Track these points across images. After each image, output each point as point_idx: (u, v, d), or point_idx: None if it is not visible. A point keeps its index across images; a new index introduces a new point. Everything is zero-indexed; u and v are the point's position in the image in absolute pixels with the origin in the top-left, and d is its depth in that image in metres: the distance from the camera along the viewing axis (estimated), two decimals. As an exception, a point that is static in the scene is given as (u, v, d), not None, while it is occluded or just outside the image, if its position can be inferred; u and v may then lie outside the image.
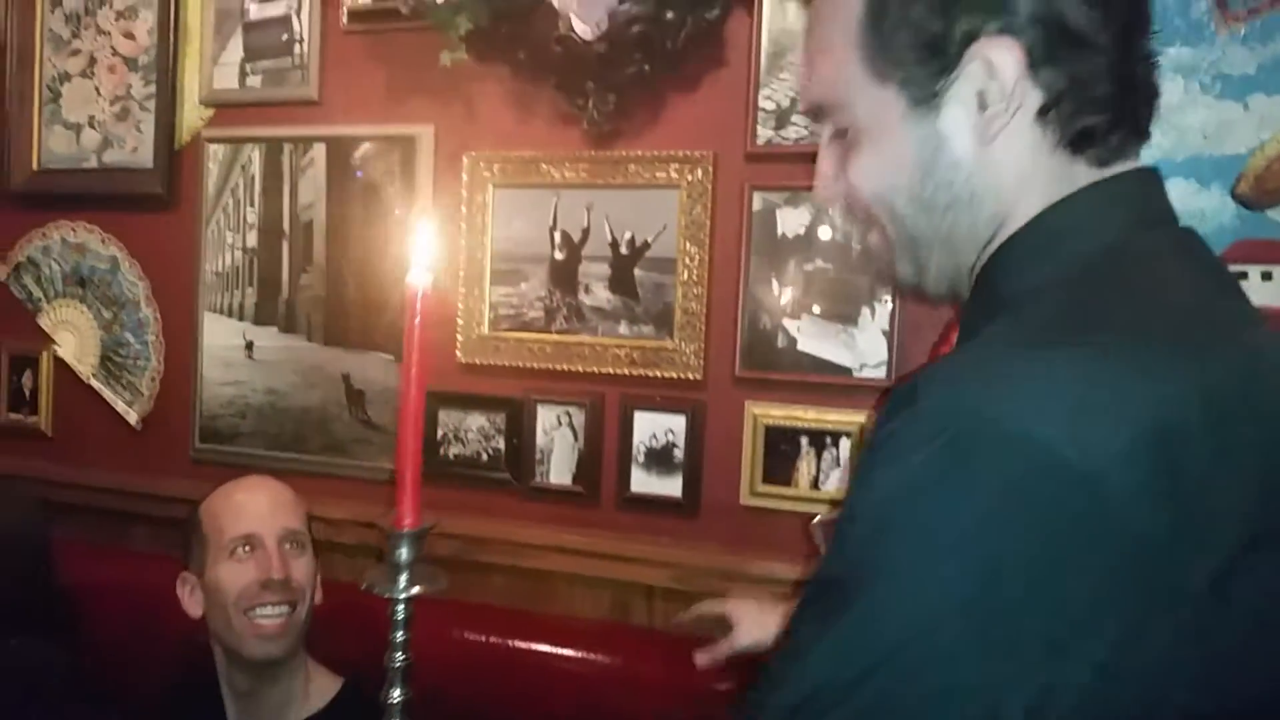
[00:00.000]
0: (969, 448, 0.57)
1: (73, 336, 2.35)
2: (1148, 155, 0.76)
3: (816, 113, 0.79)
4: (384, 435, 2.04)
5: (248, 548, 1.50)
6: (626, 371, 1.86)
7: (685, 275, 1.82)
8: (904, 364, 1.70)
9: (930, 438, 0.58)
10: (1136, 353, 0.61)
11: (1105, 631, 0.56)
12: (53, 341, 2.37)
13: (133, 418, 2.27)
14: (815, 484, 1.75)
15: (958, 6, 0.69)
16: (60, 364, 2.36)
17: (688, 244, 1.81)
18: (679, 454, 1.83)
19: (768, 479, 1.77)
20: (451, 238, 1.97)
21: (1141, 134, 0.74)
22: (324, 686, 1.57)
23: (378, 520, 1.06)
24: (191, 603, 1.56)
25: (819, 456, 1.74)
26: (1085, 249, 0.69)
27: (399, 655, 0.95)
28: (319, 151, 2.08)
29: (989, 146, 0.71)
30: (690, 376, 1.82)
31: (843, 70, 0.74)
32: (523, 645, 1.77)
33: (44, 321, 2.38)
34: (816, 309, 1.75)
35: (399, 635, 0.95)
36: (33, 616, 1.69)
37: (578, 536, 1.88)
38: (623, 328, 1.87)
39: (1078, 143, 0.71)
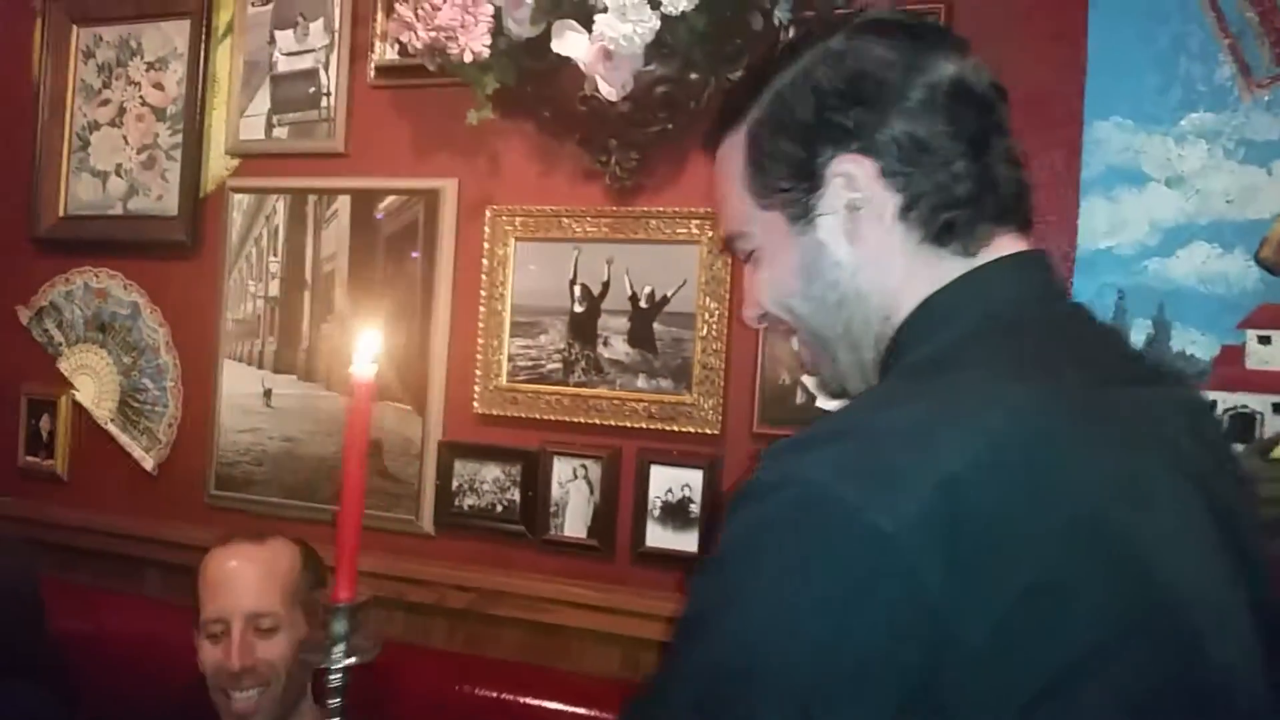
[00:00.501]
0: (797, 507, 0.68)
1: (92, 381, 2.36)
2: (1169, 216, 0.80)
3: (728, 243, 0.93)
4: (401, 485, 2.04)
5: (219, 629, 1.49)
6: (644, 425, 1.86)
7: (704, 330, 1.82)
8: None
9: (769, 492, 0.69)
10: (952, 407, 0.70)
11: (891, 680, 0.64)
12: (71, 386, 2.38)
13: (149, 463, 2.28)
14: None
15: (817, 137, 0.82)
16: (78, 408, 2.37)
17: (707, 299, 1.82)
18: (695, 509, 1.82)
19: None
20: (471, 290, 1.99)
21: (1016, 223, 0.84)
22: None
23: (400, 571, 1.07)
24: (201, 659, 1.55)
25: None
26: (961, 325, 0.79)
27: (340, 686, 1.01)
28: (343, 203, 2.10)
29: (862, 246, 0.83)
30: (708, 431, 1.82)
31: (739, 205, 0.89)
32: (533, 702, 1.74)
33: (64, 366, 2.39)
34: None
35: (335, 702, 1.00)
36: (23, 662, 1.68)
37: (591, 591, 1.87)
38: (641, 381, 1.87)
39: (942, 236, 0.81)
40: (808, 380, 1.73)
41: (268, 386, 2.16)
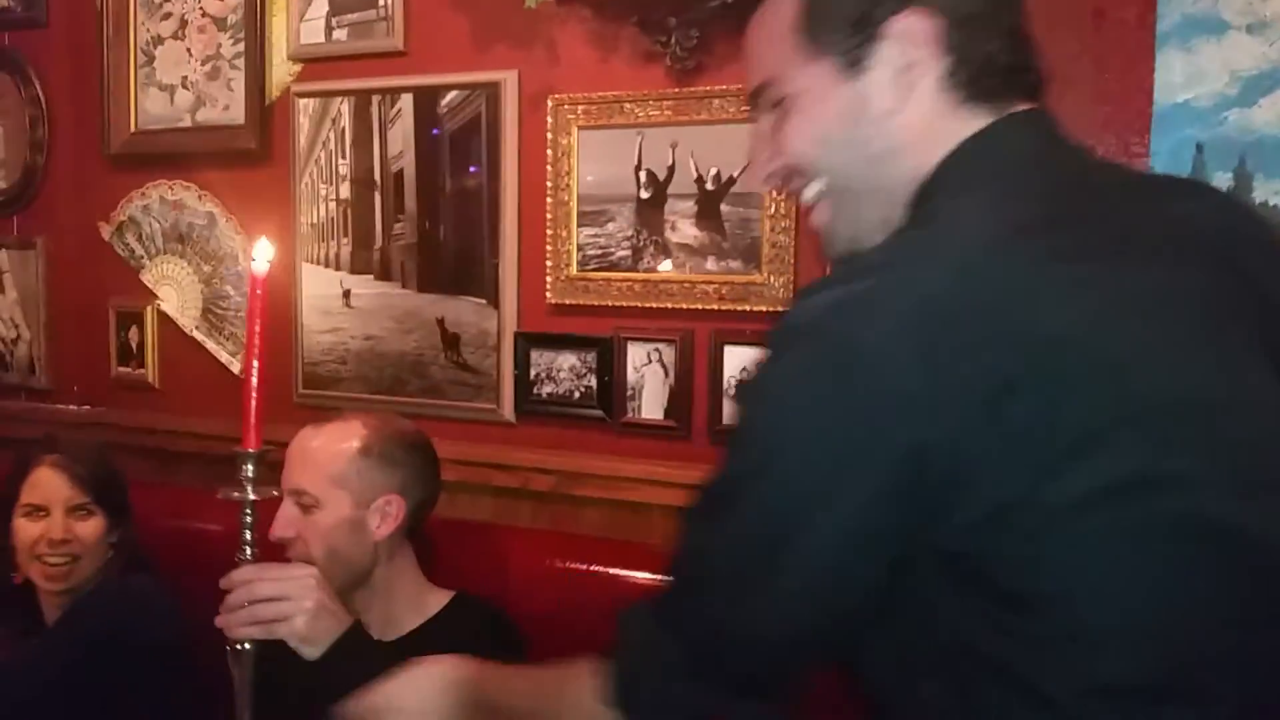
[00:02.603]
0: (799, 338, 0.78)
1: (175, 291, 2.45)
2: (1250, 64, 0.84)
3: (757, 94, 0.93)
4: (480, 376, 2.10)
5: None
6: (715, 307, 1.88)
7: (772, 208, 1.83)
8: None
9: (785, 336, 0.79)
10: (938, 238, 0.79)
11: (881, 461, 0.74)
12: (156, 297, 2.47)
13: (236, 367, 2.37)
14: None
15: None
16: (164, 318, 2.46)
17: (774, 177, 1.82)
18: (770, 386, 1.85)
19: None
20: (537, 182, 2.01)
21: (1033, 94, 0.89)
22: (434, 600, 1.65)
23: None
24: None
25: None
26: (975, 173, 0.84)
27: (248, 549, 1.26)
28: (406, 102, 2.12)
29: (906, 102, 0.86)
30: (780, 309, 1.83)
31: (782, 51, 0.89)
32: (621, 573, 1.81)
33: (147, 278, 2.48)
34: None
35: (248, 533, 1.25)
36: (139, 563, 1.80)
37: (671, 469, 1.92)
38: (710, 263, 1.89)
39: (978, 100, 0.86)
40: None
41: (346, 287, 2.22)
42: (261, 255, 1.27)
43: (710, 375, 1.90)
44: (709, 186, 1.88)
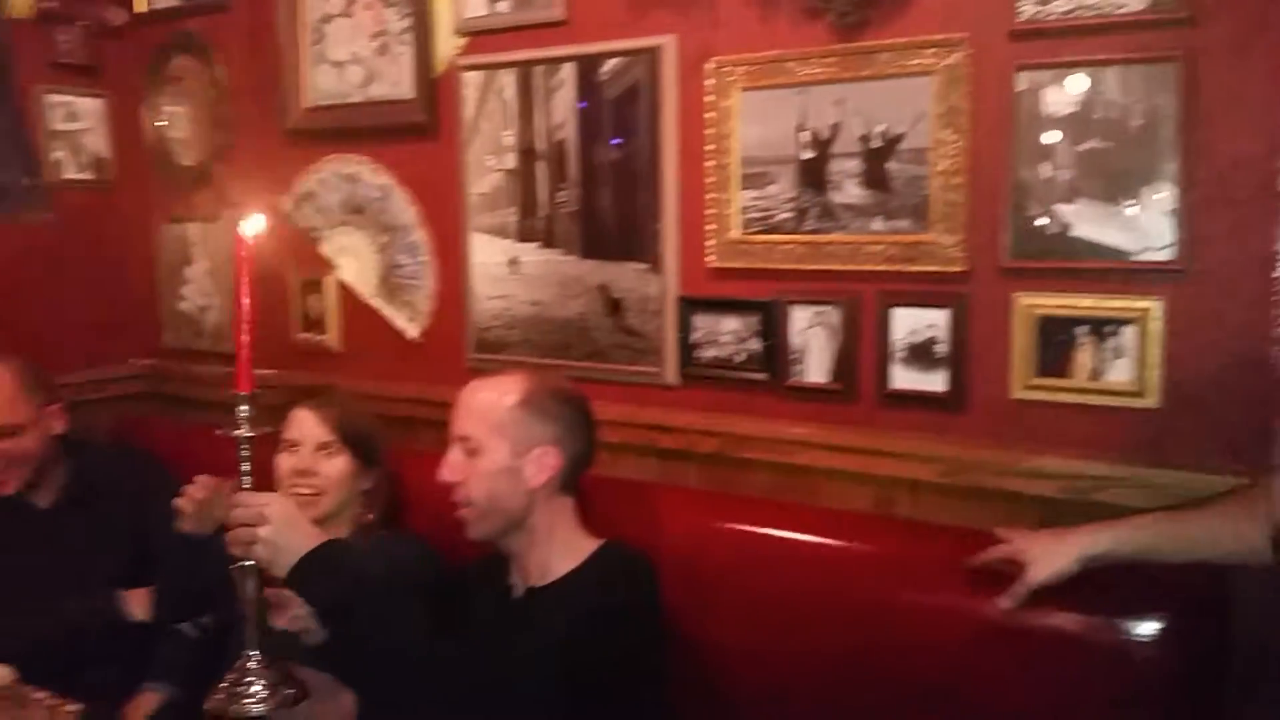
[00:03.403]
0: None
1: (353, 261, 2.56)
2: None
3: None
4: (643, 340, 2.13)
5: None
6: (882, 268, 1.85)
7: (942, 165, 1.77)
8: (1197, 245, 1.60)
9: None
10: None
11: None
12: (335, 267, 2.59)
13: (412, 332, 2.47)
14: (1095, 375, 1.69)
15: None
16: (343, 287, 2.59)
17: (945, 132, 1.76)
18: (941, 349, 1.81)
19: (1042, 372, 1.73)
20: (698, 145, 2.00)
21: None
22: (585, 547, 1.71)
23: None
24: None
25: (1099, 346, 1.68)
26: None
27: (246, 479, 1.38)
28: (568, 71, 2.14)
29: None
30: (952, 269, 1.79)
31: None
32: (785, 534, 1.82)
33: (326, 249, 2.60)
34: (1091, 191, 1.67)
35: (246, 465, 1.38)
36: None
37: (838, 433, 1.91)
38: (877, 223, 1.85)
39: None
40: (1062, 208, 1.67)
41: (513, 255, 2.28)
42: (252, 225, 1.45)
43: (877, 338, 1.87)
44: (875, 144, 1.83)
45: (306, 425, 1.90)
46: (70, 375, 2.62)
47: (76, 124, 2.80)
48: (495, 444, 1.65)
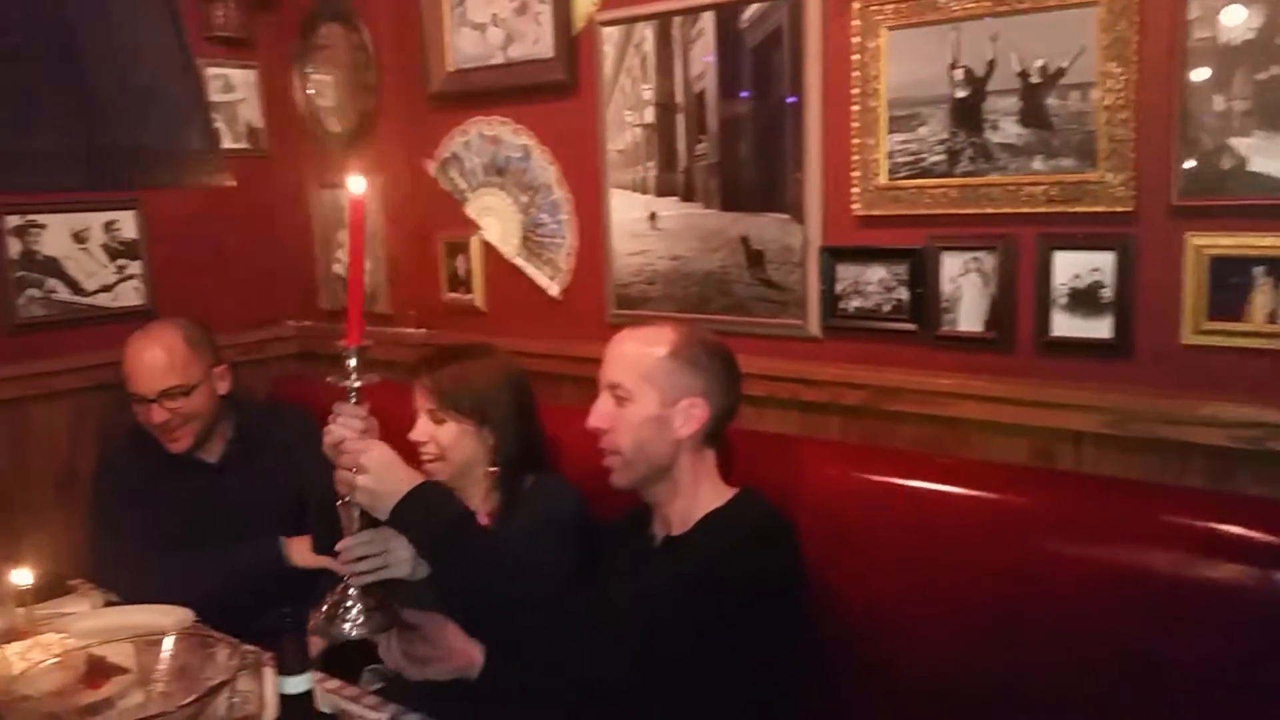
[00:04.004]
0: None
1: (496, 221, 2.61)
2: None
3: None
4: (785, 293, 2.10)
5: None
6: (1043, 210, 1.77)
7: (1108, 99, 1.68)
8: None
9: None
10: None
11: None
12: (479, 227, 2.64)
13: (554, 290, 2.50)
14: (1273, 318, 1.58)
15: None
16: (487, 247, 2.64)
17: (1111, 64, 1.67)
18: (1107, 293, 1.73)
19: (1214, 315, 1.63)
20: (842, 89, 1.95)
21: None
22: (722, 494, 1.71)
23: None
24: None
25: (1278, 287, 1.58)
26: None
27: (354, 422, 1.46)
28: (707, 20, 2.12)
29: None
30: (1118, 209, 1.70)
31: None
32: (932, 486, 1.77)
33: (470, 210, 2.66)
34: (1270, 123, 1.56)
35: (353, 397, 1.46)
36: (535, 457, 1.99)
37: (992, 383, 1.85)
38: (1037, 163, 1.77)
39: None
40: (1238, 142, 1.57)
41: (652, 210, 2.28)
42: (357, 184, 1.48)
43: (1036, 283, 1.80)
44: (1034, 80, 1.75)
45: (418, 396, 1.95)
46: (232, 337, 2.75)
47: (231, 95, 2.93)
48: (645, 393, 1.67)
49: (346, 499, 1.47)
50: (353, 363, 1.43)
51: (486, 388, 1.93)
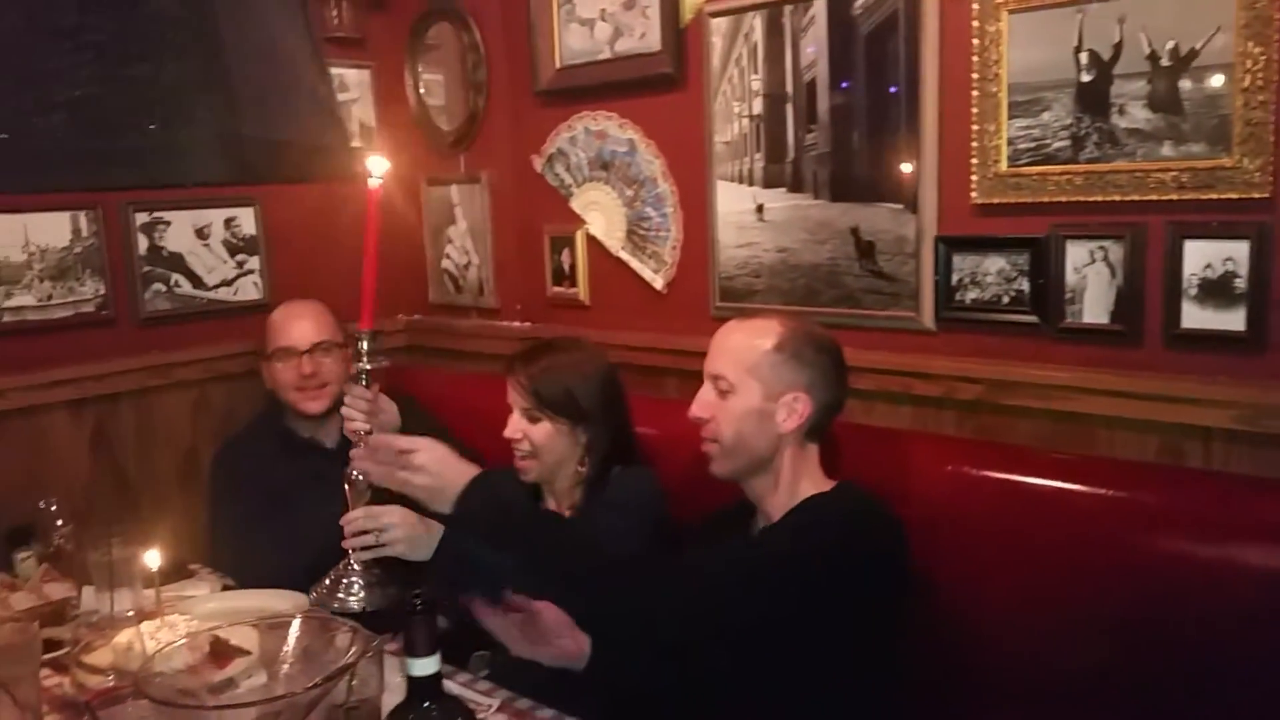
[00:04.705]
0: None
1: (601, 215, 2.62)
2: None
3: None
4: (897, 284, 2.06)
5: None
6: (1173, 197, 1.70)
7: (1247, 81, 1.60)
8: None
9: None
10: None
11: None
12: (584, 221, 2.66)
13: (659, 283, 2.50)
14: None
15: None
16: (592, 241, 2.65)
17: (1249, 44, 1.59)
18: (1240, 284, 1.65)
19: (1361, 305, 1.54)
20: (960, 75, 1.91)
21: None
22: (821, 487, 1.69)
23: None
24: None
25: None
26: None
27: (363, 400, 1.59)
28: (819, 7, 2.09)
29: None
30: (1254, 196, 1.62)
31: None
32: (1050, 483, 1.70)
33: (575, 204, 2.67)
34: None
35: (364, 378, 1.58)
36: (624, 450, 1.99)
37: (1118, 377, 1.78)
38: (1166, 148, 1.70)
39: None
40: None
41: (759, 202, 2.26)
42: (377, 169, 1.56)
43: (1165, 273, 1.72)
44: (1164, 62, 1.68)
45: (512, 393, 1.95)
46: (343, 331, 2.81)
47: (346, 94, 3.00)
48: (748, 385, 1.65)
49: (355, 475, 1.55)
50: (364, 345, 1.53)
51: (579, 385, 1.93)
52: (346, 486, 1.58)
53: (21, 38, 0.90)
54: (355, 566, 1.54)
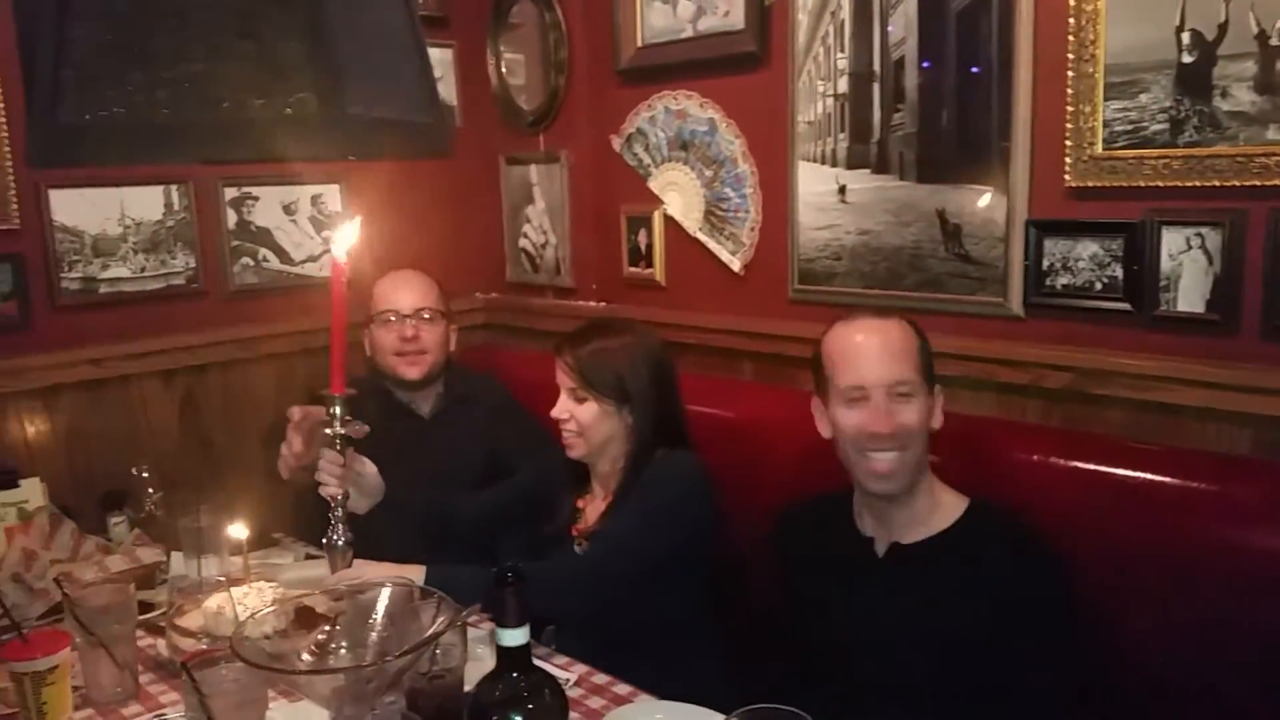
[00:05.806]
0: None
1: (679, 196, 2.61)
2: None
3: None
4: (985, 269, 2.02)
5: (858, 395, 1.61)
6: (1276, 183, 1.63)
7: (1364, 60, 1.54)
8: None
9: None
10: None
11: None
12: (662, 202, 2.65)
13: (736, 265, 2.49)
14: None
15: None
16: (670, 221, 2.64)
17: (1368, 21, 1.53)
18: (1350, 273, 1.59)
19: None
20: (1055, 54, 1.86)
21: None
22: (951, 505, 1.64)
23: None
24: (822, 425, 1.71)
25: None
26: None
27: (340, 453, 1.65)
28: (910, -16, 2.05)
29: None
30: (1369, 181, 1.55)
31: None
32: (1140, 475, 1.66)
33: (654, 184, 2.67)
34: None
35: (338, 442, 1.63)
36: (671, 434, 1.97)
37: (1214, 368, 1.73)
38: (1271, 132, 1.63)
39: None
40: None
41: (841, 183, 2.23)
42: (341, 243, 1.50)
43: (1266, 262, 1.66)
44: (1274, 42, 1.62)
45: (560, 374, 1.95)
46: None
47: (429, 74, 3.03)
48: (924, 386, 1.64)
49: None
50: (337, 410, 1.56)
51: (627, 367, 1.92)
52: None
53: (132, 19, 0.93)
54: (340, 514, 1.63)
